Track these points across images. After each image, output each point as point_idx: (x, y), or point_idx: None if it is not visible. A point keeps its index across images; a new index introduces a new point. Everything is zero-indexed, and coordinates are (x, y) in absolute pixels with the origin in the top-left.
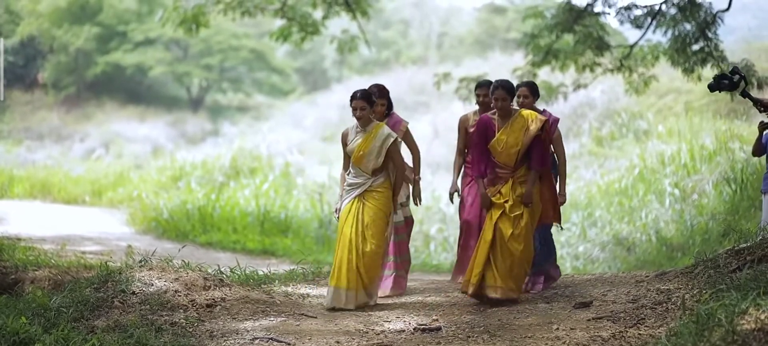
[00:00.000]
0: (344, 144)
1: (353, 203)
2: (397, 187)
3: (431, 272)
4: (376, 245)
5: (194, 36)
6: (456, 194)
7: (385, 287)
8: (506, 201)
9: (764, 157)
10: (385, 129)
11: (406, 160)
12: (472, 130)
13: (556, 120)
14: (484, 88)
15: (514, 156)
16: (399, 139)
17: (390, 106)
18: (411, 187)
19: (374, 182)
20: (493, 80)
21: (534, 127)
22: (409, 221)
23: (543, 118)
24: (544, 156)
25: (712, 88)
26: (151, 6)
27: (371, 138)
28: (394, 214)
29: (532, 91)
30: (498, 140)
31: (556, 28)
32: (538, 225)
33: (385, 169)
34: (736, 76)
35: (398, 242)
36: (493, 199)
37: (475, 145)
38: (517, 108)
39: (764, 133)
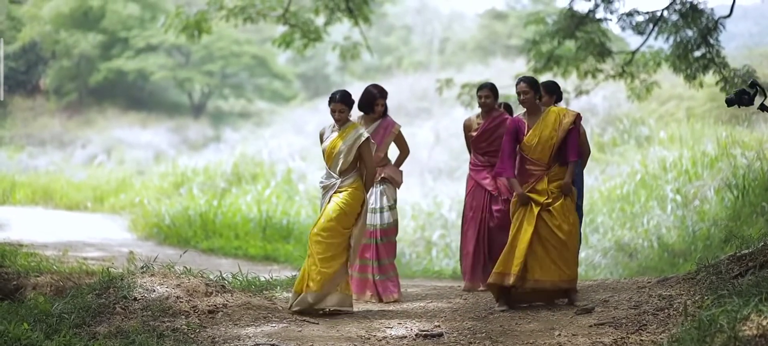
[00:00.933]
0: (322, 142)
1: (326, 206)
2: (367, 186)
3: (433, 278)
4: (328, 238)
5: (196, 42)
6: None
7: (391, 292)
8: (545, 196)
9: None
10: (359, 129)
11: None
12: (474, 133)
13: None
14: (485, 90)
15: (549, 151)
16: (372, 141)
17: (386, 108)
18: (397, 191)
19: (343, 182)
20: (493, 83)
21: (567, 120)
22: (396, 224)
23: (575, 111)
24: (579, 148)
25: (731, 102)
26: (153, 12)
27: (344, 136)
28: (386, 214)
29: (530, 86)
30: (531, 136)
31: (557, 34)
32: None
33: (355, 169)
34: (754, 90)
35: (386, 244)
36: (530, 194)
37: (504, 147)
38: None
39: None
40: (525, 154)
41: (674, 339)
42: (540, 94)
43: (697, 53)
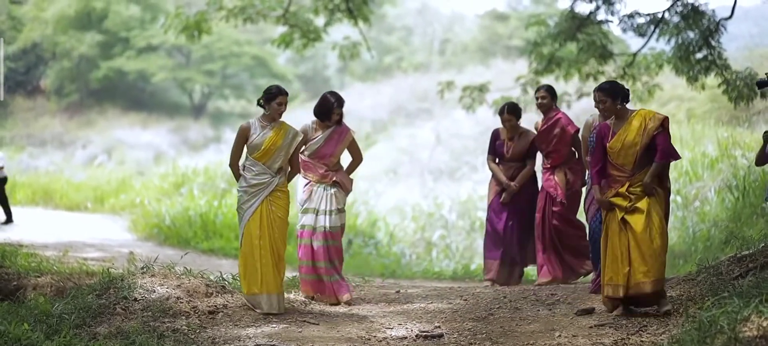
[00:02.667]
0: (245, 138)
1: (263, 206)
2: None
3: (433, 279)
4: (284, 247)
5: (196, 42)
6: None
7: (346, 291)
8: (628, 200)
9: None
10: (294, 128)
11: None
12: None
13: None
14: (541, 91)
15: (633, 157)
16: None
17: (342, 116)
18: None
19: (278, 181)
20: (547, 84)
21: (652, 125)
22: (343, 228)
23: (662, 115)
24: (667, 149)
25: (762, 84)
26: (154, 13)
27: (282, 133)
28: (334, 216)
29: (607, 93)
30: (616, 141)
31: (559, 36)
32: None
33: (285, 168)
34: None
35: (336, 246)
36: (612, 199)
37: (593, 152)
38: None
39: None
40: (610, 159)
41: (674, 340)
42: (620, 100)
43: (699, 55)
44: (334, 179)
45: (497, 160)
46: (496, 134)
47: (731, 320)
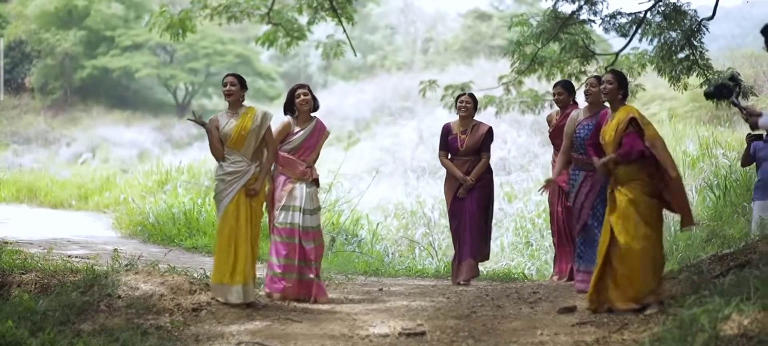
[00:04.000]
0: (217, 129)
1: (241, 196)
2: (265, 169)
3: (416, 277)
4: (258, 238)
5: (180, 41)
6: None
7: (325, 293)
8: (613, 200)
9: (754, 167)
10: (262, 109)
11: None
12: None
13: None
14: (558, 87)
15: (612, 151)
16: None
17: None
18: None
19: (255, 168)
20: (564, 80)
21: (622, 126)
22: None
23: (633, 115)
24: (625, 152)
25: (710, 95)
26: (138, 11)
27: (249, 118)
28: (316, 216)
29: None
30: (604, 131)
31: (541, 36)
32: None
33: (260, 154)
34: (734, 83)
35: (322, 245)
36: (610, 195)
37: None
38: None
39: (752, 144)
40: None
41: (656, 338)
42: (623, 92)
43: (681, 55)
44: (315, 176)
45: (450, 156)
46: (447, 129)
47: (712, 318)
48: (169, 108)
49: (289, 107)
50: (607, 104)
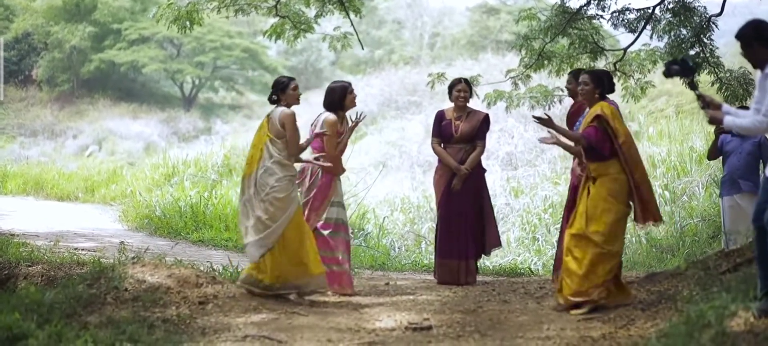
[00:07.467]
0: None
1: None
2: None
3: (422, 271)
4: None
5: (188, 34)
6: None
7: (346, 284)
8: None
9: (721, 160)
10: (278, 110)
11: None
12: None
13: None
14: (569, 76)
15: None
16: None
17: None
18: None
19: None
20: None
21: (588, 119)
22: None
23: (599, 113)
24: (586, 145)
25: (672, 72)
26: (144, 4)
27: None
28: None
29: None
30: (581, 127)
31: (549, 30)
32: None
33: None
34: (689, 62)
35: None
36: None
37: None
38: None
39: (719, 137)
40: None
41: (662, 334)
42: (600, 91)
43: (691, 52)
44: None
45: (442, 144)
46: (440, 115)
47: (719, 314)
48: (175, 101)
49: (339, 104)
50: None
